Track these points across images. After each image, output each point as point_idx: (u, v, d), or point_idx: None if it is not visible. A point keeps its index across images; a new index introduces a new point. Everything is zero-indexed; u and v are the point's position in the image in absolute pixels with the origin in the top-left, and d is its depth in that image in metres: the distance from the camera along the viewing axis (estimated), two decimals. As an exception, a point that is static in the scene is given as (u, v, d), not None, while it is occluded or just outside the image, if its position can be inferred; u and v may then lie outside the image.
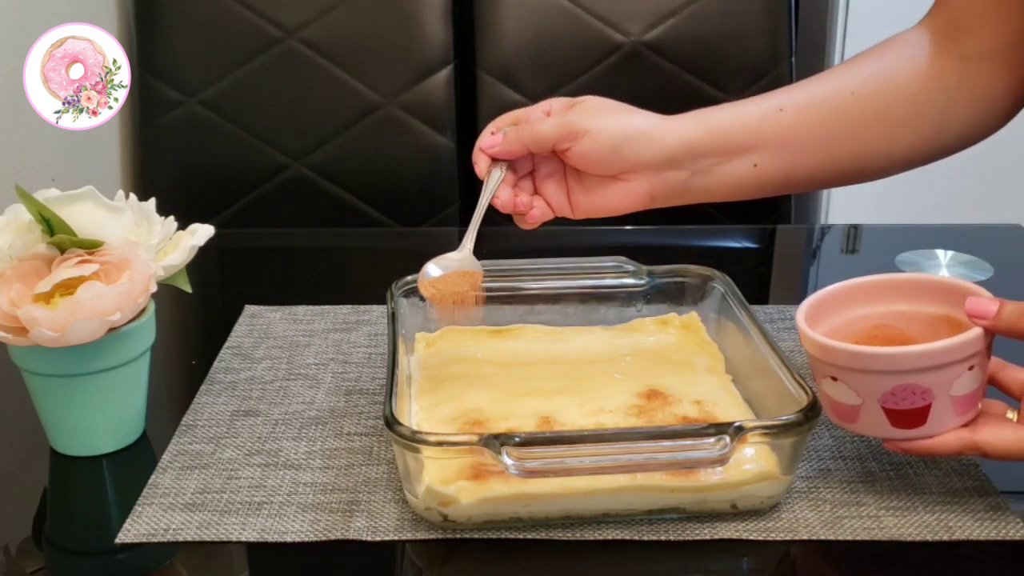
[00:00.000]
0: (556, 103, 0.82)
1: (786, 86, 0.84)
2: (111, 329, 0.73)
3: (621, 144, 0.78)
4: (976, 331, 0.66)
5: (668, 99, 1.03)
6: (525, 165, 0.82)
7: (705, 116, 0.81)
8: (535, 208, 0.81)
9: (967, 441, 0.67)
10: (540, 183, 0.82)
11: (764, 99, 0.82)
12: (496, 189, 0.79)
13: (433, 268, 0.78)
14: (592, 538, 0.68)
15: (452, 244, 0.79)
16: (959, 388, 0.66)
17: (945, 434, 0.67)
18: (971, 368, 0.66)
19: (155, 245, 0.77)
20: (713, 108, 0.82)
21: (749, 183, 0.82)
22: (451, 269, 0.78)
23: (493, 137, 0.80)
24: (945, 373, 0.65)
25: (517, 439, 0.65)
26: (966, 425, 0.68)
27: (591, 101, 0.80)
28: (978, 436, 0.67)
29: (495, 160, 0.80)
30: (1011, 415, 0.69)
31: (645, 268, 0.88)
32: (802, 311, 0.70)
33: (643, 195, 0.80)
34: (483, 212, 0.79)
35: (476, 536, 0.68)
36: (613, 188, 0.80)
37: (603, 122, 0.78)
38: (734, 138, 0.80)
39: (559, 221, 0.80)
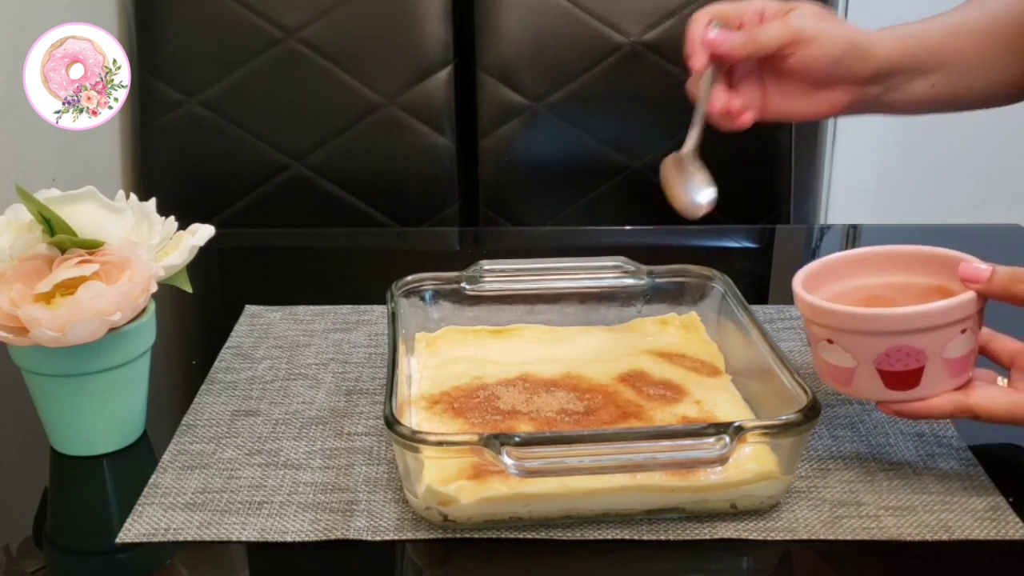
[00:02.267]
0: (769, 6, 0.81)
1: (948, 11, 0.85)
2: (111, 329, 0.73)
3: (844, 55, 0.79)
4: (969, 295, 0.67)
5: (668, 99, 1.03)
6: (723, 63, 0.82)
7: (899, 34, 0.82)
8: (748, 111, 0.81)
9: (960, 403, 0.68)
10: (737, 82, 0.82)
11: (939, 21, 0.83)
12: (711, 89, 0.79)
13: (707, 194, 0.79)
14: (592, 538, 0.68)
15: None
16: (952, 351, 0.67)
17: (938, 396, 0.68)
18: (964, 331, 0.67)
19: (155, 245, 0.77)
20: (899, 27, 0.83)
21: (925, 102, 0.84)
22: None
23: (721, 35, 0.79)
24: (939, 335, 0.66)
25: (517, 439, 0.65)
26: (958, 388, 0.69)
27: (808, 7, 0.80)
28: (970, 398, 0.68)
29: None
30: (1001, 382, 0.70)
31: (645, 268, 0.88)
32: (799, 278, 0.71)
33: (842, 105, 0.82)
34: (704, 111, 0.79)
35: (476, 536, 0.68)
36: (816, 96, 0.81)
37: (828, 30, 0.79)
38: (921, 58, 0.82)
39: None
